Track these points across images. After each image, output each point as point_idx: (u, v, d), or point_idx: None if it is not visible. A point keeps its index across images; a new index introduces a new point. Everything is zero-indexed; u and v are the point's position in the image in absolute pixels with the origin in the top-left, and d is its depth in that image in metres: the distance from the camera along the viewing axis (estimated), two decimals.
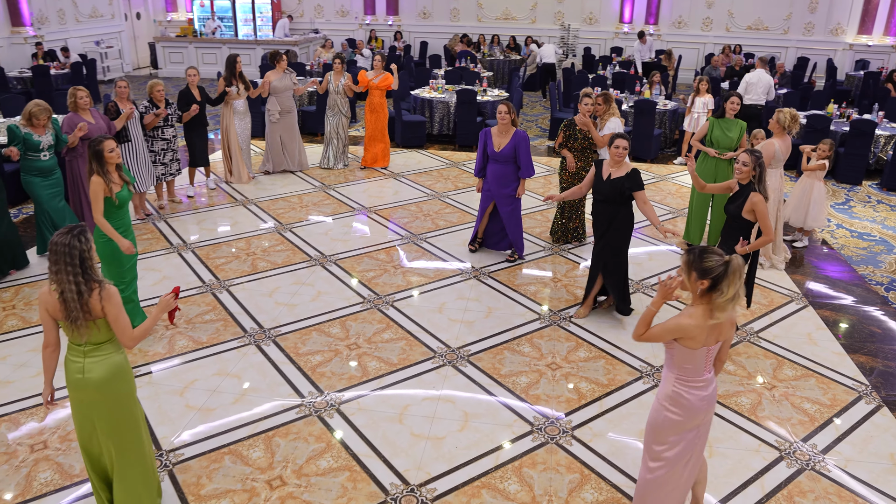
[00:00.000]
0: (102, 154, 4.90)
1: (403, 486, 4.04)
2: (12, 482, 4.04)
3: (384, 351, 5.43)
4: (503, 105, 6.61)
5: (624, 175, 5.49)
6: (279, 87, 9.41)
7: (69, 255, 3.22)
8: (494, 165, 6.73)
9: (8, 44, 16.07)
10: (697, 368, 3.26)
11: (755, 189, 5.07)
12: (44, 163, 6.59)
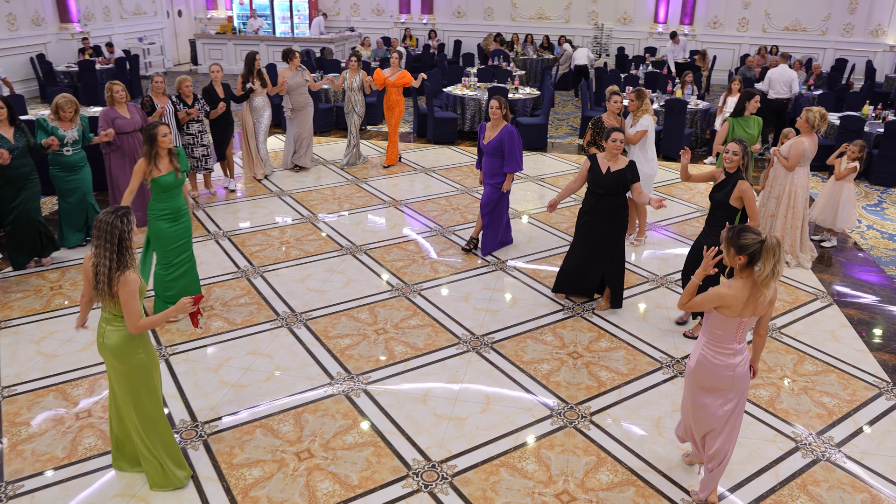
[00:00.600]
0: (155, 138, 5.24)
1: (425, 461, 4.21)
2: (59, 446, 4.31)
3: (410, 336, 5.61)
4: (494, 100, 6.68)
5: (625, 167, 5.65)
6: (292, 84, 9.43)
7: (109, 234, 3.45)
8: (486, 158, 6.84)
9: (56, 39, 16.63)
10: (727, 336, 3.55)
11: (742, 177, 5.21)
12: (67, 158, 6.70)
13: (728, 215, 5.26)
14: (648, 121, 7.31)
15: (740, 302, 3.43)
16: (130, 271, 3.52)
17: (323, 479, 4.06)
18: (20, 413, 4.64)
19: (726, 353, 3.58)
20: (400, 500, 3.91)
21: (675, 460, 4.27)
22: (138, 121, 7.29)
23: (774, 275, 3.35)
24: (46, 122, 6.59)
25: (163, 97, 7.82)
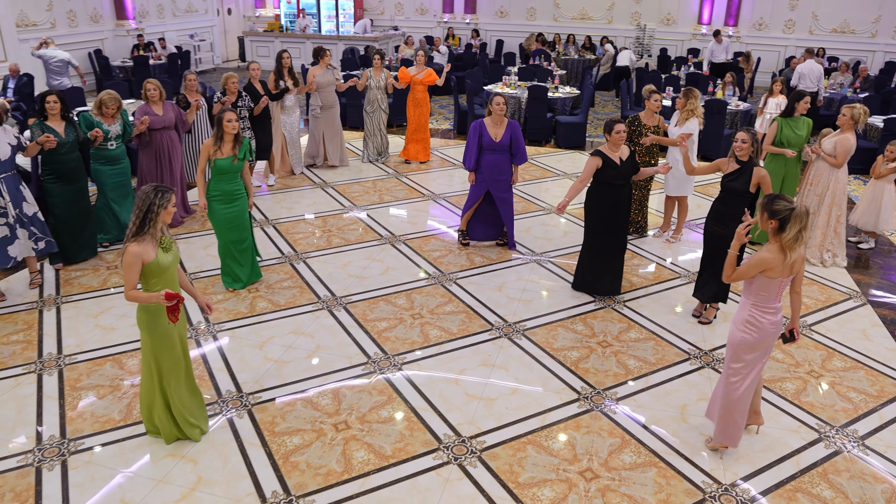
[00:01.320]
0: (221, 122, 5.72)
1: (456, 437, 4.42)
2: (115, 409, 4.63)
3: (445, 321, 5.83)
4: (501, 97, 6.80)
5: (630, 154, 5.96)
6: (322, 83, 9.49)
7: (142, 203, 3.75)
8: (491, 156, 6.87)
9: (112, 35, 17.30)
10: (771, 297, 3.93)
11: (756, 164, 5.39)
12: (111, 151, 6.87)
13: (745, 202, 5.42)
14: (694, 125, 7.24)
15: (780, 263, 3.80)
16: (135, 244, 3.74)
17: (358, 448, 4.30)
18: (80, 379, 4.99)
19: (770, 311, 3.96)
20: (430, 471, 4.12)
21: (698, 445, 4.40)
22: (171, 118, 7.44)
23: (798, 240, 3.74)
24: (91, 116, 6.76)
25: (196, 94, 8.01)
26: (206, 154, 5.78)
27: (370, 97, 10.10)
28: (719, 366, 5.27)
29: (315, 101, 9.69)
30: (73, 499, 3.89)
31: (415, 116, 10.19)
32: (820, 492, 4.05)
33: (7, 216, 5.94)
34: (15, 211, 5.98)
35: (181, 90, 8.09)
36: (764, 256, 3.82)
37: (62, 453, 4.24)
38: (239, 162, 5.83)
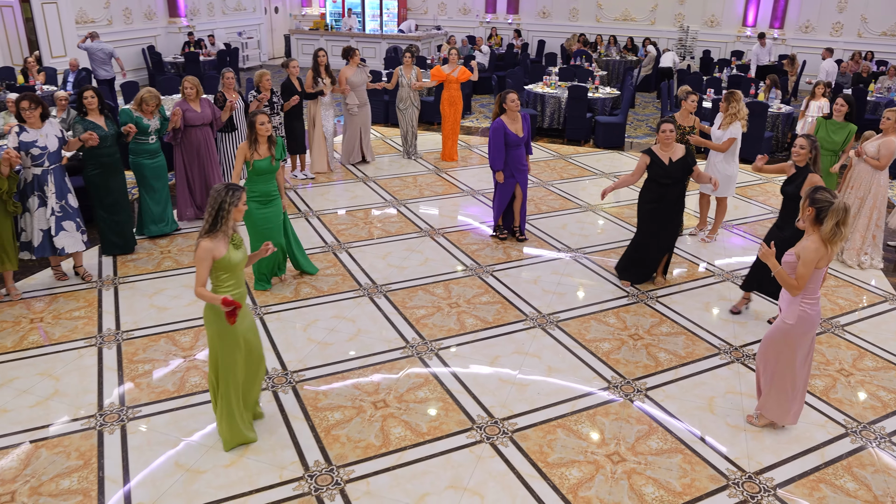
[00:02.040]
0: (254, 125, 5.77)
1: (488, 418, 4.62)
2: (170, 381, 4.95)
3: (481, 311, 6.03)
4: (513, 93, 7.01)
5: (685, 154, 6.04)
6: (356, 82, 9.65)
7: (214, 202, 3.89)
8: (514, 151, 7.11)
9: (165, 32, 17.91)
10: (815, 287, 4.16)
11: (812, 170, 5.48)
12: (151, 146, 7.12)
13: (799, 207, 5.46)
14: (737, 129, 7.27)
15: (823, 252, 4.01)
16: (207, 240, 3.87)
17: (396, 425, 4.53)
18: (137, 353, 5.32)
19: (814, 300, 4.20)
20: (464, 448, 4.33)
21: (724, 435, 4.53)
22: (208, 115, 7.64)
23: (835, 234, 3.94)
24: (131, 112, 6.98)
25: (233, 92, 8.19)
26: (242, 157, 5.79)
27: (401, 94, 10.27)
28: (749, 361, 5.37)
29: (352, 100, 9.81)
30: (132, 459, 4.20)
31: (450, 115, 10.35)
32: (843, 483, 4.14)
33: (48, 206, 6.12)
34: (60, 202, 6.18)
35: (219, 88, 8.29)
36: (810, 250, 4.00)
37: (121, 419, 4.56)
38: (277, 162, 5.93)
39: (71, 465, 4.15)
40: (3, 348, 5.38)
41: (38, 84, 12.04)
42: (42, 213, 6.14)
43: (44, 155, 6.03)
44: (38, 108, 5.99)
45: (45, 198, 6.13)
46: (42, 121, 6.05)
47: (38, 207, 6.12)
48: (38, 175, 6.07)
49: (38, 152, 6.01)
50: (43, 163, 6.05)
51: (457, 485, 4.04)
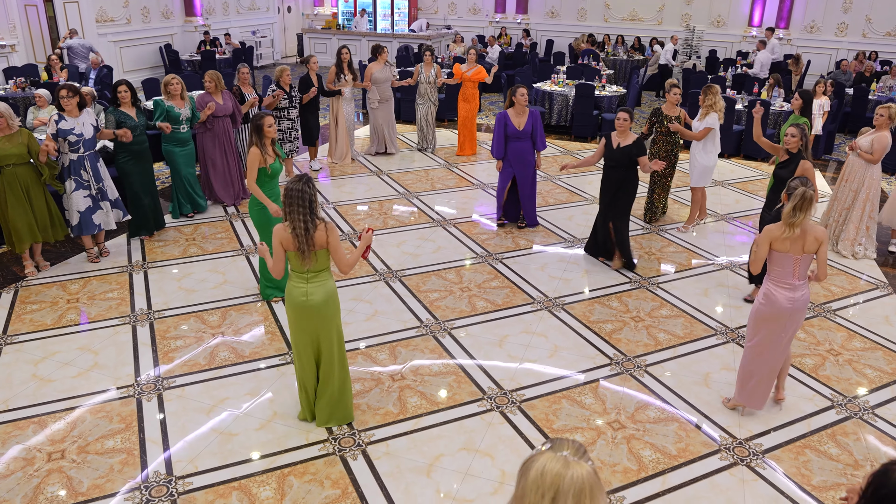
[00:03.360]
0: (262, 128, 5.69)
1: (498, 389, 4.97)
2: (201, 356, 5.32)
3: (491, 295, 6.37)
4: (524, 87, 7.41)
5: (631, 143, 6.49)
6: (380, 78, 10.12)
7: (301, 199, 3.93)
8: (516, 144, 7.51)
9: (181, 31, 18.31)
10: (785, 273, 4.37)
11: (804, 156, 5.84)
12: (183, 134, 7.62)
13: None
14: (714, 119, 7.60)
15: (782, 235, 4.25)
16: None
17: (412, 395, 4.88)
18: (168, 331, 5.69)
19: (785, 287, 4.38)
20: (475, 416, 4.68)
21: (717, 406, 4.86)
22: (230, 107, 8.05)
23: (792, 215, 4.17)
24: (163, 102, 7.48)
25: (249, 87, 8.54)
26: (256, 164, 5.70)
27: (421, 90, 10.78)
28: (744, 341, 5.68)
29: (374, 96, 10.33)
30: (169, 423, 4.57)
31: (464, 111, 10.76)
32: (827, 449, 4.47)
33: (90, 188, 6.61)
34: (98, 185, 6.66)
35: (235, 82, 8.68)
36: (767, 227, 4.34)
37: (157, 388, 4.93)
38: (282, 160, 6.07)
39: (114, 428, 4.52)
40: (44, 325, 5.76)
41: (62, 81, 12.45)
42: (79, 195, 6.56)
43: (80, 141, 6.45)
44: (75, 96, 6.39)
45: (81, 181, 6.55)
46: (80, 109, 6.48)
47: (74, 190, 6.54)
48: (75, 160, 6.49)
49: (75, 139, 6.42)
50: (79, 149, 6.47)
51: (469, 447, 4.39)
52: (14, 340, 5.53)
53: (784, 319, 4.44)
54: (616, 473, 4.21)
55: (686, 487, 4.12)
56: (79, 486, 4.03)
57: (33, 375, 5.08)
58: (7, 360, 5.26)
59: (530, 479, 1.73)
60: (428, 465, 4.22)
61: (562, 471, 1.70)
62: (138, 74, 16.33)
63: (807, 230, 4.27)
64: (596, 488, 1.71)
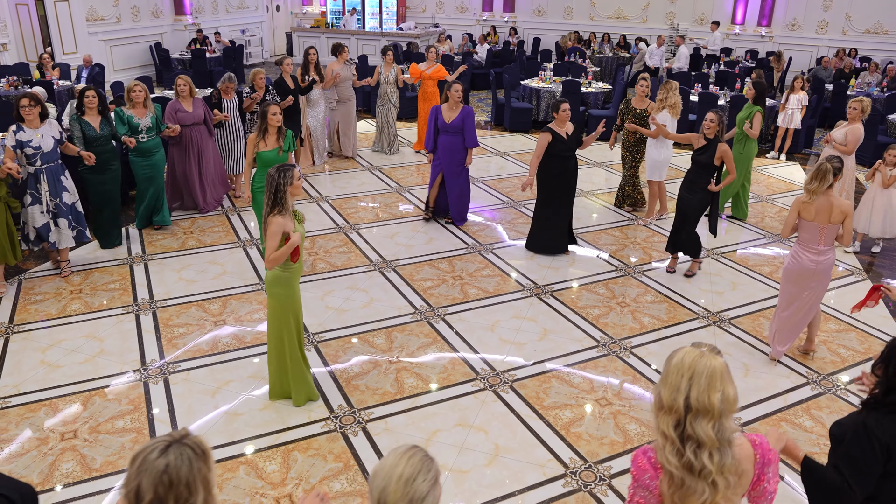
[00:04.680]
0: (266, 115, 6.05)
1: (491, 370, 5.20)
2: (204, 342, 5.51)
3: (482, 283, 6.61)
4: (458, 84, 7.57)
5: (575, 129, 7.00)
6: (343, 75, 9.97)
7: (269, 185, 4.21)
8: (445, 137, 7.61)
9: (171, 30, 18.42)
10: (812, 238, 4.96)
11: (720, 140, 6.28)
12: (143, 144, 7.11)
13: (712, 173, 6.39)
14: (665, 116, 7.82)
15: (811, 207, 4.86)
16: (278, 216, 4.19)
17: (409, 376, 5.11)
18: (171, 319, 5.88)
19: (812, 251, 4.99)
20: (469, 395, 4.91)
21: None
22: (201, 114, 7.78)
23: (810, 182, 4.84)
24: (123, 112, 7.08)
25: (231, 94, 8.38)
26: (252, 147, 6.06)
27: (381, 91, 10.58)
28: (725, 325, 5.96)
29: (332, 95, 10.10)
30: (176, 404, 4.77)
31: (424, 110, 10.61)
32: (802, 422, 4.74)
33: (43, 204, 6.29)
34: (54, 200, 6.33)
35: (219, 85, 8.44)
36: (797, 199, 4.98)
37: (163, 372, 5.12)
38: (284, 153, 6.13)
39: (123, 410, 4.72)
40: (49, 315, 5.93)
41: (55, 79, 12.57)
42: (35, 210, 6.30)
43: (37, 155, 6.15)
44: (37, 106, 6.12)
45: (38, 196, 6.27)
46: (41, 120, 6.21)
47: (31, 204, 6.29)
48: (32, 173, 6.23)
49: (32, 152, 6.13)
50: (35, 161, 6.17)
51: (464, 423, 4.62)
52: (21, 329, 5.70)
53: (807, 278, 5.06)
54: (603, 445, 4.45)
55: None
56: (92, 462, 4.22)
57: (41, 362, 5.26)
58: (15, 348, 5.43)
59: (673, 364, 2.14)
60: (425, 440, 4.45)
61: (698, 359, 2.11)
62: (128, 73, 16.44)
63: (833, 203, 4.85)
64: (726, 376, 2.10)
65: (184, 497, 1.80)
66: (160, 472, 1.78)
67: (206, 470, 1.86)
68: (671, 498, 2.15)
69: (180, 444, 1.84)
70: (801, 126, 11.10)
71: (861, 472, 2.52)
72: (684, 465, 2.09)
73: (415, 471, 1.87)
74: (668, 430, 2.12)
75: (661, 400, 2.14)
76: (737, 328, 5.93)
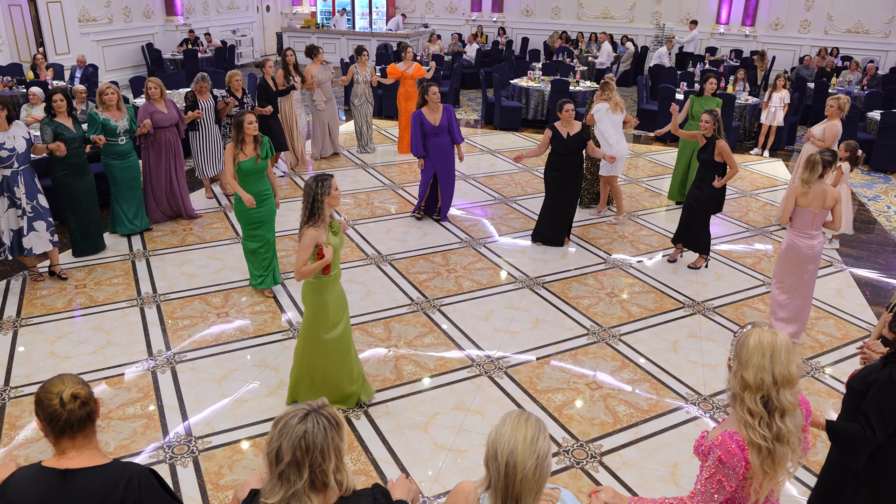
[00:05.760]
0: (242, 125, 5.78)
1: (486, 357, 5.43)
2: (209, 333, 5.70)
3: (476, 275, 6.83)
4: (435, 86, 7.69)
5: (580, 130, 7.16)
6: (320, 79, 10.05)
7: (306, 194, 4.13)
8: (434, 139, 7.73)
9: (162, 30, 18.53)
10: (805, 224, 5.32)
11: (718, 137, 6.54)
12: (121, 147, 7.12)
13: (715, 170, 6.63)
14: (597, 107, 7.98)
15: (806, 194, 5.19)
16: (312, 228, 4.10)
17: (407, 363, 5.32)
18: (175, 311, 6.07)
19: (805, 236, 5.37)
20: (466, 380, 5.13)
21: (685, 368, 5.36)
22: (174, 115, 7.65)
23: (803, 172, 5.20)
24: (97, 115, 6.99)
25: (206, 95, 8.25)
26: (230, 158, 5.83)
27: (357, 91, 10.66)
28: (709, 314, 6.22)
29: (318, 97, 10.19)
30: (184, 392, 4.96)
31: (405, 110, 10.74)
32: None
33: (20, 207, 6.19)
34: (31, 203, 6.23)
35: (192, 87, 8.31)
36: (792, 187, 5.36)
37: (170, 362, 5.31)
38: (263, 161, 5.95)
39: (133, 397, 4.90)
40: (56, 309, 6.10)
41: (49, 80, 12.67)
42: (12, 214, 6.21)
43: (12, 156, 6.03)
44: (3, 109, 5.95)
45: (14, 199, 6.17)
46: (9, 123, 6.06)
47: (7, 208, 6.18)
48: (8, 176, 6.09)
49: (7, 154, 6.00)
50: (12, 164, 6.06)
51: (461, 407, 4.84)
52: (28, 323, 5.86)
53: (804, 261, 5.44)
54: (594, 426, 4.69)
55: (656, 437, 4.61)
56: (106, 446, 4.41)
57: (50, 353, 5.43)
58: (24, 341, 5.60)
59: (751, 346, 2.35)
60: (425, 423, 4.67)
61: (772, 336, 2.35)
62: (121, 73, 16.57)
63: (826, 190, 5.19)
64: (794, 348, 2.37)
65: (318, 462, 1.97)
66: (299, 437, 1.96)
67: (339, 440, 2.03)
68: (762, 467, 2.33)
69: (318, 413, 2.01)
70: (783, 123, 11.40)
71: (885, 419, 2.86)
72: (774, 435, 2.31)
73: (536, 431, 2.02)
74: (755, 406, 2.32)
75: (745, 381, 2.35)
76: (721, 316, 6.18)
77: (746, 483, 2.38)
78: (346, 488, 2.08)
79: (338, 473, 2.05)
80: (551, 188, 7.35)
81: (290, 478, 1.97)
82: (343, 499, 2.07)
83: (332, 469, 2.02)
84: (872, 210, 9.19)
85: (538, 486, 2.01)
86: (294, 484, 1.97)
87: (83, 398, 2.26)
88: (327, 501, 2.04)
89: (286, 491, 1.97)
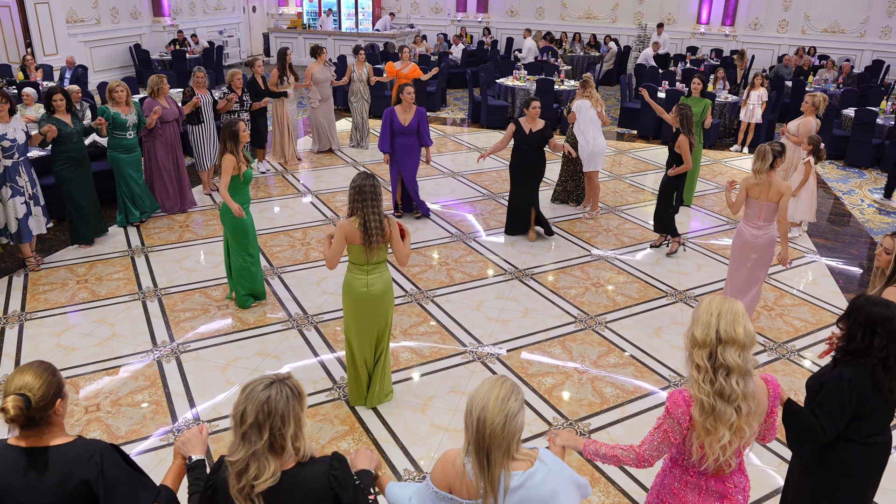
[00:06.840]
0: (238, 134, 5.59)
1: (478, 344, 5.67)
2: (211, 325, 5.90)
3: (467, 267, 7.08)
4: (411, 87, 7.83)
5: (543, 127, 7.41)
6: (320, 78, 10.39)
7: (374, 194, 4.19)
8: (402, 139, 7.88)
9: (150, 31, 18.60)
10: (754, 214, 5.53)
11: (681, 132, 7.00)
12: (129, 140, 7.51)
13: (675, 159, 7.17)
14: (577, 104, 8.25)
15: (756, 186, 5.41)
16: (346, 222, 4.22)
17: (403, 351, 5.56)
18: (176, 304, 6.26)
19: (753, 226, 5.55)
20: (460, 366, 5.38)
21: (668, 352, 5.63)
22: (175, 111, 8.04)
23: (755, 163, 5.38)
24: (108, 109, 7.34)
25: (204, 90, 8.58)
26: (230, 172, 5.63)
27: (353, 89, 11.04)
28: (691, 302, 6.50)
29: (314, 95, 10.54)
30: (190, 379, 5.16)
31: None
32: None
33: (26, 194, 6.55)
34: (33, 190, 6.62)
35: (190, 83, 8.67)
36: (744, 178, 5.57)
37: (175, 352, 5.51)
38: (248, 166, 5.88)
39: (140, 385, 5.10)
40: (59, 303, 6.27)
41: (39, 80, 12.76)
42: (16, 202, 6.50)
43: (14, 147, 6.33)
44: (6, 103, 6.27)
45: (17, 188, 6.47)
46: (10, 116, 6.35)
47: (11, 196, 6.47)
48: (10, 167, 6.38)
49: (9, 144, 6.29)
50: (13, 154, 6.35)
51: (456, 390, 5.08)
52: (33, 317, 6.03)
53: (748, 250, 5.62)
54: (583, 406, 4.95)
55: (642, 415, 4.87)
56: (117, 431, 4.61)
57: (57, 345, 5.61)
58: (31, 334, 5.77)
59: (702, 307, 2.58)
60: (422, 405, 4.91)
61: (722, 302, 2.55)
62: (109, 74, 16.63)
63: (773, 183, 5.35)
64: (745, 314, 2.54)
65: (278, 426, 2.16)
66: (262, 402, 2.14)
67: (300, 409, 2.22)
68: (703, 424, 2.52)
69: (282, 383, 2.21)
70: (762, 120, 11.74)
71: (834, 417, 2.95)
72: (716, 391, 2.47)
73: (507, 392, 2.23)
74: (701, 362, 2.51)
75: (694, 338, 2.55)
76: None
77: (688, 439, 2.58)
78: (304, 454, 2.25)
79: (296, 441, 2.22)
80: (512, 182, 7.67)
81: (252, 438, 2.15)
82: (300, 464, 2.24)
83: (291, 435, 2.19)
84: (847, 203, 9.54)
85: (506, 443, 2.19)
86: (254, 444, 2.15)
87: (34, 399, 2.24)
88: (285, 465, 2.21)
89: (247, 451, 2.15)
